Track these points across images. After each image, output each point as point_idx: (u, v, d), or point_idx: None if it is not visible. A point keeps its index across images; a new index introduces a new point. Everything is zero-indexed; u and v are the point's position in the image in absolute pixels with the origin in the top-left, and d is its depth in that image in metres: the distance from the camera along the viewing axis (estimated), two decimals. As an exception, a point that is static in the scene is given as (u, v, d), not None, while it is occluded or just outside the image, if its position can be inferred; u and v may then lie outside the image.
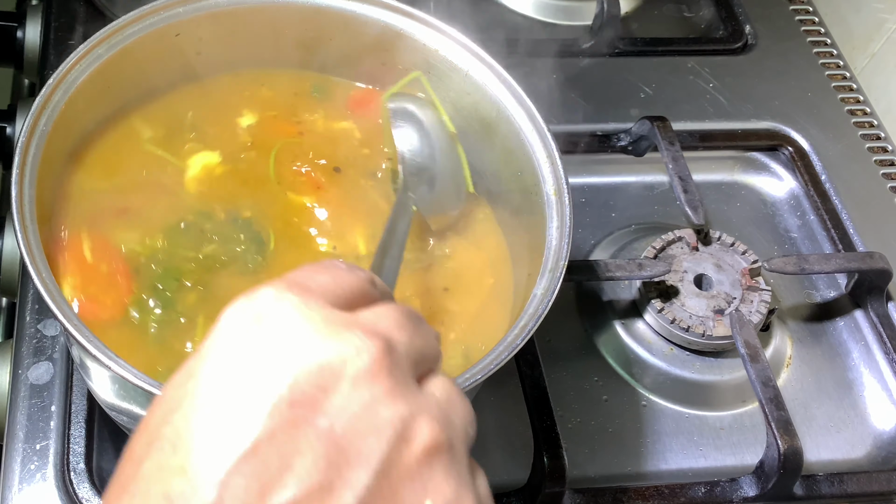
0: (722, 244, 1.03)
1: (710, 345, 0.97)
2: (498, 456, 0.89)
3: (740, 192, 1.16)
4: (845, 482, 0.91)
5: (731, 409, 0.97)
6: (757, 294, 0.98)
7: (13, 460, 0.82)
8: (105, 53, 0.79)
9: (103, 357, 0.63)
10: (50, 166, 0.75)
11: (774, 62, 1.27)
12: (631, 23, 1.30)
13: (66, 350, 0.88)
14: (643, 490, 0.88)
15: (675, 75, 1.23)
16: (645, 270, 0.97)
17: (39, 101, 0.75)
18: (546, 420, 0.88)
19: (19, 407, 0.85)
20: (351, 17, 0.87)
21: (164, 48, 0.83)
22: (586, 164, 1.13)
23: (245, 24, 0.86)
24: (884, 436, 0.98)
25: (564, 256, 0.75)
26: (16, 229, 0.68)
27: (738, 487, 0.89)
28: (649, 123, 1.10)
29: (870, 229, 1.10)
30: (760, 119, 1.20)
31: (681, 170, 1.05)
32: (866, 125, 1.22)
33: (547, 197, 0.79)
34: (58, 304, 0.65)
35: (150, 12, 0.82)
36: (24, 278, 0.93)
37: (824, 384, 1.00)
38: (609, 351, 0.99)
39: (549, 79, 1.15)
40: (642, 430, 0.94)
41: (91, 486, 0.81)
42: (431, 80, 0.88)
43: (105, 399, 0.76)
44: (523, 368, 0.92)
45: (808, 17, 1.34)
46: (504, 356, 0.68)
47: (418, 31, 0.86)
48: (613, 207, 1.11)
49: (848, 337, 1.04)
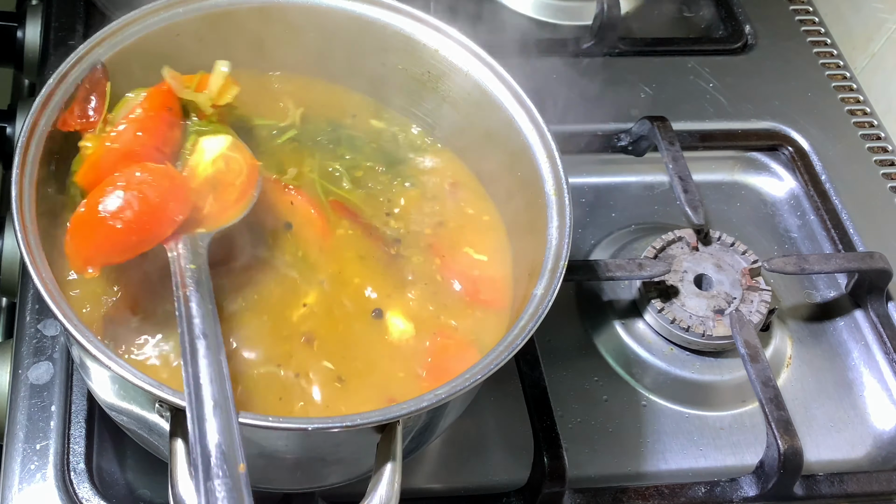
0: (722, 244, 1.03)
1: (710, 345, 0.97)
2: (498, 456, 0.89)
3: (740, 192, 1.16)
4: (845, 482, 0.91)
5: (731, 409, 0.97)
6: (757, 294, 0.98)
7: (13, 460, 0.82)
8: (105, 53, 0.79)
9: (103, 357, 0.63)
10: (50, 166, 0.75)
11: (774, 62, 1.27)
12: (631, 23, 1.30)
13: (66, 350, 0.88)
14: (643, 490, 0.88)
15: (675, 75, 1.23)
16: (645, 270, 0.97)
17: (39, 100, 0.75)
18: (546, 420, 0.88)
19: (19, 407, 0.85)
20: (351, 18, 0.87)
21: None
22: (586, 164, 1.13)
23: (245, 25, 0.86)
24: (884, 436, 0.98)
25: (564, 256, 0.75)
26: (16, 229, 0.68)
27: (738, 487, 0.89)
28: (649, 123, 1.10)
29: (870, 229, 1.10)
30: (760, 119, 1.20)
31: (681, 170, 1.06)
32: (866, 125, 1.22)
33: (547, 197, 0.79)
34: (58, 304, 0.65)
35: (150, 12, 0.82)
36: (24, 278, 0.93)
37: (824, 384, 1.00)
38: (609, 351, 0.99)
39: (549, 79, 1.15)
40: (642, 430, 0.94)
41: (91, 485, 0.81)
42: (430, 80, 0.88)
43: (105, 399, 0.76)
44: (523, 368, 0.92)
45: (808, 16, 1.34)
46: (504, 356, 0.68)
47: (419, 31, 0.86)
48: (613, 207, 1.11)
49: (848, 337, 1.04)
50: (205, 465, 0.59)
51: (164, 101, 0.77)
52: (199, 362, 0.64)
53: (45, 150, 0.74)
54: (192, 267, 0.70)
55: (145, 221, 0.70)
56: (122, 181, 0.70)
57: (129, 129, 0.74)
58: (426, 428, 0.77)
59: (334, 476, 0.78)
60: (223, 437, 0.60)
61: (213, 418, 0.61)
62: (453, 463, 0.89)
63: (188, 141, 0.78)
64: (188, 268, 0.70)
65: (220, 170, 0.76)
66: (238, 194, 0.76)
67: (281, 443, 0.69)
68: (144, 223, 0.70)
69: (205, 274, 0.70)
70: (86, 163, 0.74)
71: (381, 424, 0.65)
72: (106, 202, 0.69)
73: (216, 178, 0.76)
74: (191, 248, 0.72)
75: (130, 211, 0.69)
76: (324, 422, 0.63)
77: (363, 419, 0.64)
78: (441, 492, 0.88)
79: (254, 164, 0.78)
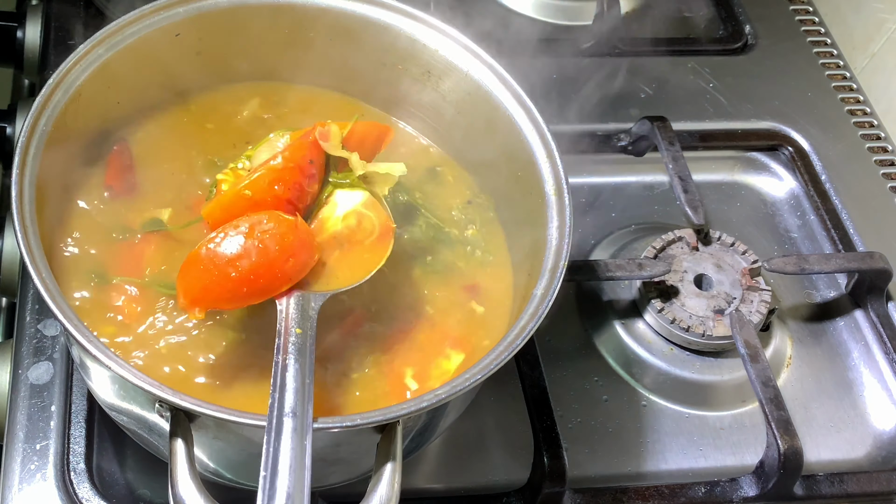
0: (722, 244, 1.03)
1: (710, 345, 0.97)
2: (498, 456, 0.89)
3: (740, 192, 1.16)
4: (845, 482, 0.91)
5: (731, 409, 0.97)
6: (757, 294, 0.98)
7: (13, 460, 0.82)
8: (105, 53, 0.79)
9: (103, 357, 0.63)
10: (50, 166, 0.75)
11: (774, 62, 1.27)
12: (631, 23, 1.30)
13: (66, 350, 0.88)
14: (643, 490, 0.88)
15: (675, 75, 1.23)
16: (645, 270, 0.97)
17: (40, 101, 0.75)
18: (546, 420, 0.88)
19: (19, 407, 0.85)
20: (352, 18, 0.87)
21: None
22: (586, 164, 1.13)
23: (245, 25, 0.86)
24: (884, 436, 0.98)
25: (565, 256, 0.75)
26: (16, 229, 0.68)
27: (738, 487, 0.89)
28: (649, 123, 1.10)
29: (870, 229, 1.10)
30: (760, 119, 1.20)
31: (681, 170, 1.06)
32: (866, 125, 1.22)
33: (547, 197, 0.79)
34: (58, 304, 0.65)
35: (150, 12, 0.82)
36: (24, 278, 0.93)
37: (824, 384, 1.00)
38: (609, 351, 0.99)
39: (550, 79, 1.15)
40: (642, 430, 0.94)
41: (91, 485, 0.81)
42: (431, 80, 0.88)
43: (105, 399, 0.76)
44: (523, 368, 0.92)
45: (808, 17, 1.34)
46: (504, 356, 0.68)
47: (419, 31, 0.86)
48: (613, 207, 1.11)
49: (848, 337, 1.04)
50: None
51: (308, 153, 0.72)
52: (282, 443, 0.60)
53: (45, 150, 0.74)
54: (298, 332, 0.66)
55: (261, 274, 0.67)
56: (244, 227, 0.67)
57: (265, 178, 0.70)
58: (426, 428, 0.77)
59: (334, 476, 0.78)
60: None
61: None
62: (453, 463, 0.89)
63: (324, 192, 0.74)
64: (293, 331, 0.66)
65: (351, 226, 0.73)
66: (367, 255, 0.73)
67: (281, 443, 0.69)
68: (259, 276, 0.67)
69: (310, 340, 0.66)
70: (215, 201, 0.71)
71: (381, 424, 0.65)
72: (223, 247, 0.66)
73: (345, 235, 0.72)
74: (302, 309, 0.68)
75: (247, 261, 0.66)
76: (324, 422, 0.63)
77: (363, 419, 0.64)
78: (441, 492, 0.88)
79: (388, 226, 0.74)
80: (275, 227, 0.67)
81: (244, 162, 0.75)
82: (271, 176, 0.71)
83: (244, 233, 0.67)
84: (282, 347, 0.65)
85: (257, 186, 0.70)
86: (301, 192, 0.72)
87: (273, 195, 0.70)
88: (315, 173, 0.73)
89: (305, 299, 0.69)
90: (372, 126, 0.79)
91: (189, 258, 0.67)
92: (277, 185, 0.71)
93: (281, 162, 0.71)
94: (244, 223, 0.67)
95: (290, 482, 0.58)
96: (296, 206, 0.71)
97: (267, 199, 0.70)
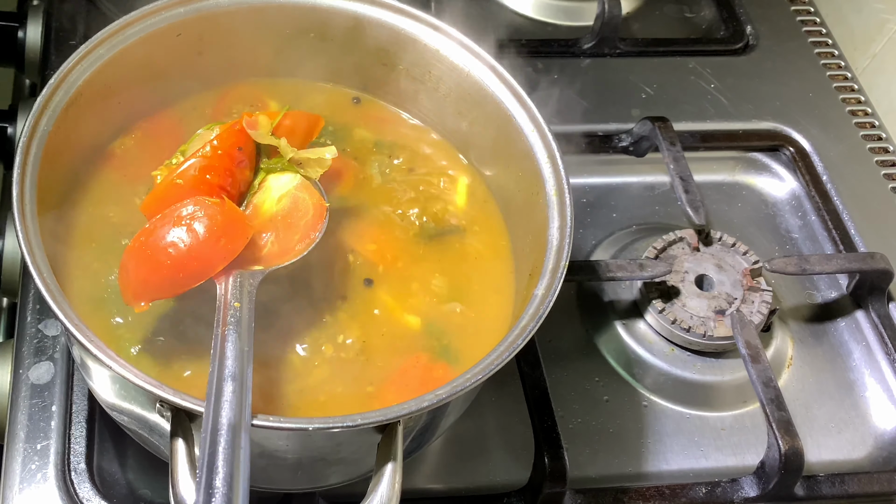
0: (723, 245, 1.03)
1: (711, 345, 0.97)
2: (499, 456, 0.89)
3: (741, 193, 1.16)
4: (846, 483, 0.91)
5: (732, 409, 0.97)
6: (758, 294, 0.98)
7: (14, 460, 0.82)
8: (106, 54, 0.79)
9: (104, 357, 0.63)
10: (51, 167, 0.75)
11: (776, 63, 1.27)
12: (632, 23, 1.30)
13: (66, 350, 0.88)
14: (644, 490, 0.88)
15: (676, 76, 1.23)
16: (646, 271, 0.97)
17: (40, 101, 0.75)
18: (547, 420, 0.88)
19: (20, 407, 0.85)
20: (352, 18, 0.87)
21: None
22: (587, 165, 1.13)
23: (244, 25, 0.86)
24: (885, 436, 0.98)
25: (566, 257, 0.75)
26: (17, 229, 0.68)
27: (739, 488, 0.89)
28: (650, 124, 1.10)
29: (871, 230, 1.10)
30: (761, 119, 1.20)
31: (682, 170, 1.05)
32: (867, 126, 1.22)
33: (548, 197, 0.79)
34: (58, 303, 0.65)
35: (150, 12, 0.82)
36: (25, 278, 0.93)
37: (825, 385, 1.00)
38: (610, 351, 0.98)
39: (550, 79, 1.15)
40: (643, 430, 0.94)
41: (91, 485, 0.81)
42: (431, 80, 0.88)
43: (106, 399, 0.76)
44: (524, 369, 0.92)
45: (810, 17, 1.34)
46: (505, 356, 0.68)
47: (419, 31, 0.86)
48: (614, 208, 1.11)
49: (849, 337, 1.04)
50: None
51: (235, 140, 0.75)
52: (223, 405, 0.61)
53: (46, 150, 0.74)
54: (237, 305, 0.68)
55: (194, 257, 0.68)
56: (172, 215, 0.68)
57: (195, 166, 0.72)
58: (427, 428, 0.77)
59: (335, 476, 0.78)
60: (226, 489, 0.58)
61: (222, 466, 0.59)
62: (454, 463, 0.89)
63: (257, 178, 0.76)
64: (232, 305, 0.68)
65: (286, 208, 0.75)
66: (301, 234, 0.75)
67: (282, 443, 0.69)
68: (193, 258, 0.68)
69: (248, 313, 0.68)
70: (150, 194, 0.73)
71: (382, 424, 0.65)
72: (154, 237, 0.68)
73: (280, 217, 0.74)
74: (239, 285, 0.70)
75: (178, 247, 0.67)
76: (324, 422, 0.63)
77: (364, 419, 0.64)
78: (442, 492, 0.88)
79: (321, 206, 0.76)
80: (201, 210, 0.69)
81: (178, 157, 0.76)
82: (201, 164, 0.73)
83: (172, 220, 0.68)
84: (221, 321, 0.67)
85: (187, 175, 0.72)
86: (232, 178, 0.74)
87: (205, 182, 0.73)
88: (244, 160, 0.75)
89: (244, 276, 0.71)
90: (302, 115, 0.81)
91: (124, 254, 0.69)
92: (208, 173, 0.73)
93: (209, 150, 0.73)
94: (171, 212, 0.69)
95: (229, 437, 0.60)
96: (229, 192, 0.74)
97: (199, 187, 0.72)
